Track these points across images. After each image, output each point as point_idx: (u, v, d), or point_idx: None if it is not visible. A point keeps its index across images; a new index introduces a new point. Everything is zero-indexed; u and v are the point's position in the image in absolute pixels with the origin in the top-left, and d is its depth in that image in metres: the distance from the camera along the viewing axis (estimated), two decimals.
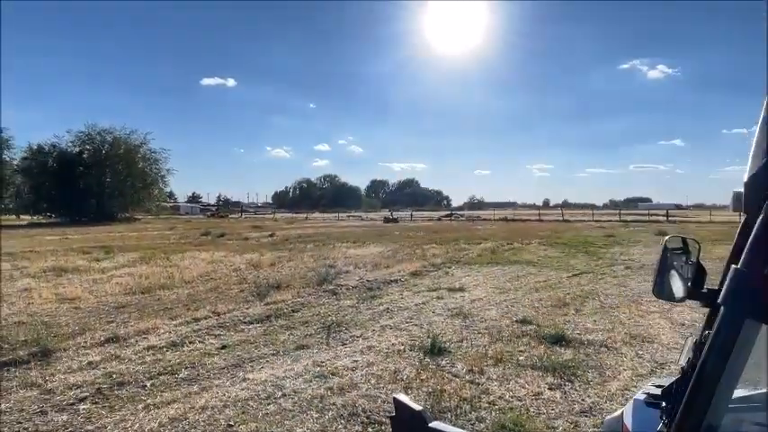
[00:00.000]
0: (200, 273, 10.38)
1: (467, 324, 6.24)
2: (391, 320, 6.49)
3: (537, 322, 6.27)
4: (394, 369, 4.61)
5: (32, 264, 12.01)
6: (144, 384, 4.32)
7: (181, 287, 8.94)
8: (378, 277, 9.73)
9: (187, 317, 6.68)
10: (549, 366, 4.62)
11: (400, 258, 12.80)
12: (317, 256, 13.21)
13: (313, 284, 8.96)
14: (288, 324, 6.37)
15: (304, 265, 11.45)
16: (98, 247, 16.34)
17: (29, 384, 4.34)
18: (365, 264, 11.64)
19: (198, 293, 8.36)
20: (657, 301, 7.49)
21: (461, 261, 12.32)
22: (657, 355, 5.05)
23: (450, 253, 14.16)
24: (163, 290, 8.67)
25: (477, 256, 13.28)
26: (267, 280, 9.39)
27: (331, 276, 9.61)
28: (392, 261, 12.21)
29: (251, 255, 13.65)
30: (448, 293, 8.25)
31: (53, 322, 6.48)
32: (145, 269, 11.13)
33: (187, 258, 13.11)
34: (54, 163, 48.46)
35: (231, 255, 13.79)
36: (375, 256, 13.24)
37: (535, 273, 10.44)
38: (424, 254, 13.89)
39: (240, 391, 4.15)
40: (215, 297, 8.08)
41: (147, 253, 14.50)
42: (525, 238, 20.02)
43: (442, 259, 12.53)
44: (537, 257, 13.09)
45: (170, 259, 12.93)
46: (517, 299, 7.82)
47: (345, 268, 10.86)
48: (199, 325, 6.29)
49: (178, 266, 11.47)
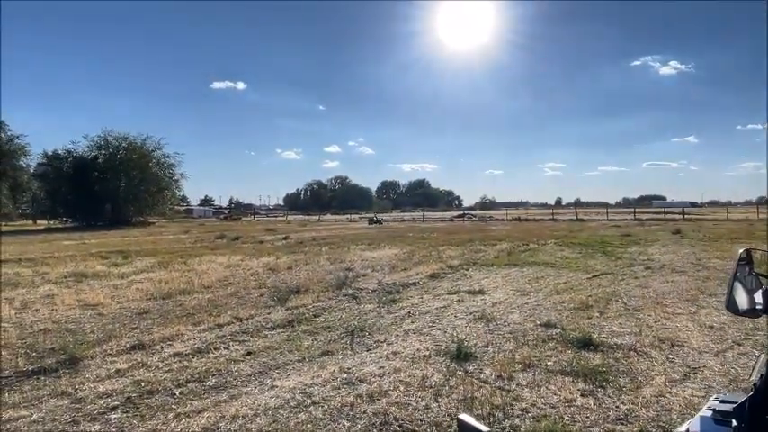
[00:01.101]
0: (218, 277, 10.40)
1: (490, 328, 6.16)
2: (414, 325, 6.42)
3: (561, 325, 6.16)
4: (422, 375, 4.57)
5: (53, 269, 12.13)
6: (173, 392, 4.32)
7: (201, 292, 8.95)
8: (396, 280, 9.69)
9: (210, 322, 6.67)
10: (579, 371, 4.55)
11: (417, 260, 12.75)
12: (333, 259, 13.21)
13: (332, 288, 8.93)
14: (311, 329, 6.34)
15: (321, 269, 11.45)
16: (116, 252, 16.48)
17: (59, 393, 4.36)
18: (382, 266, 11.62)
19: (218, 298, 8.36)
20: (683, 303, 7.38)
21: (478, 262, 12.24)
22: (689, 359, 4.96)
23: (467, 254, 14.08)
24: (183, 295, 8.69)
25: (493, 258, 13.18)
26: (286, 284, 9.38)
27: (349, 280, 9.59)
28: (409, 263, 12.16)
29: (267, 258, 13.69)
30: (468, 296, 8.18)
31: (78, 329, 6.52)
32: (164, 274, 11.16)
33: (204, 262, 13.16)
34: (70, 168, 49.11)
35: (248, 258, 13.84)
36: (391, 259, 13.21)
37: (554, 274, 10.34)
38: (440, 255, 13.81)
39: (270, 399, 4.13)
40: (236, 302, 8.07)
41: (164, 257, 14.59)
42: (540, 238, 19.88)
43: (459, 261, 12.46)
44: (554, 258, 12.97)
45: (188, 264, 12.98)
46: (539, 301, 7.72)
47: (363, 271, 10.83)
48: (222, 331, 6.29)
49: (196, 271, 11.50)
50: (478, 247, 16.16)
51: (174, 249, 17.53)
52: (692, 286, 8.77)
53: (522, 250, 15.23)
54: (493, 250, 15.23)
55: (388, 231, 28.52)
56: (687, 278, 9.66)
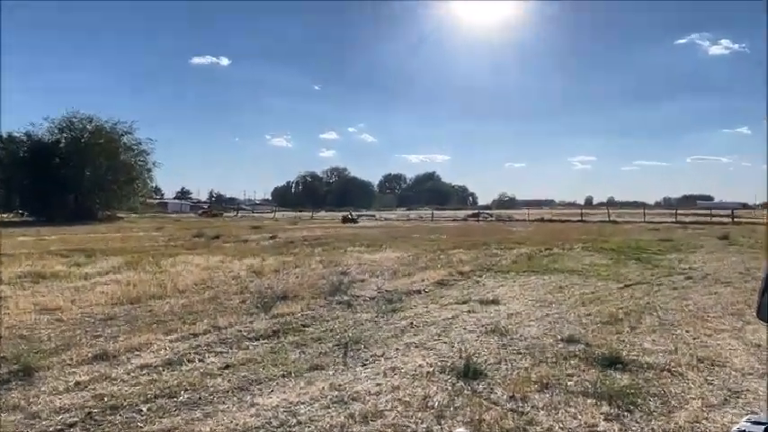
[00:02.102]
0: (195, 280, 10.49)
1: (504, 343, 6.21)
2: (416, 338, 6.47)
3: (586, 341, 6.20)
4: (423, 394, 4.61)
5: (5, 269, 12.23)
6: (140, 409, 4.38)
7: (174, 297, 9.01)
8: (398, 287, 9.77)
9: (184, 331, 6.71)
10: (603, 393, 4.59)
11: (422, 265, 12.84)
12: (326, 262, 13.30)
13: (324, 295, 8.99)
14: (298, 341, 6.38)
15: (313, 273, 11.54)
16: (78, 250, 16.59)
17: (10, 407, 4.42)
18: (383, 271, 11.71)
19: (194, 304, 8.42)
20: (726, 318, 7.41)
21: (493, 269, 12.31)
22: (731, 381, 4.99)
23: (480, 259, 14.19)
24: (154, 300, 8.75)
25: (511, 263, 13.28)
26: (272, 289, 9.44)
27: (344, 286, 9.67)
28: (413, 268, 12.26)
29: (251, 260, 13.78)
30: (480, 306, 8.24)
31: (33, 336, 6.59)
32: (132, 276, 11.25)
33: (179, 263, 13.26)
34: (27, 153, 49.06)
35: (229, 260, 13.93)
36: (393, 263, 13.30)
37: (580, 283, 10.38)
38: (450, 260, 13.91)
39: (249, 419, 4.18)
40: (214, 309, 8.14)
41: (133, 257, 14.70)
42: (566, 241, 19.94)
43: (471, 266, 12.53)
44: (581, 265, 13.02)
45: (160, 265, 13.08)
46: (561, 313, 7.77)
47: (360, 276, 10.92)
48: (197, 341, 6.32)
49: (170, 273, 11.58)
50: (494, 251, 16.27)
51: (145, 248, 17.64)
52: (739, 299, 8.80)
53: (544, 255, 15.32)
54: (511, 255, 15.32)
55: (391, 232, 28.69)
56: (733, 290, 9.69)
